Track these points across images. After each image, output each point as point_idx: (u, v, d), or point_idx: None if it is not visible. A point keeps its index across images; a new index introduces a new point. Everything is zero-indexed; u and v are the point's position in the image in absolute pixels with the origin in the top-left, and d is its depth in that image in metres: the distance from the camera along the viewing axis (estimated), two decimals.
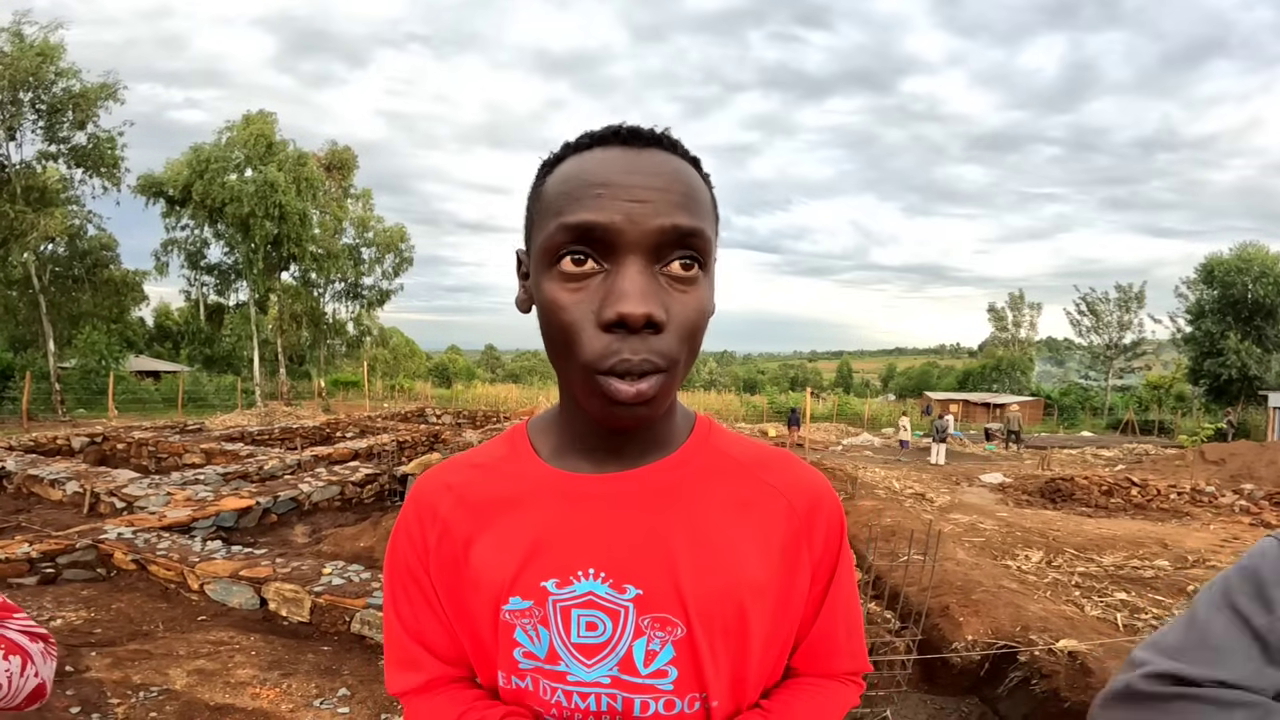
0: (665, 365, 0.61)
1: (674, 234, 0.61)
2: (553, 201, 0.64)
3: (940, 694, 4.12)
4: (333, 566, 4.96)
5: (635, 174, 0.62)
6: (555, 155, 0.68)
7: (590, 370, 0.61)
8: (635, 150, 0.63)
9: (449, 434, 13.99)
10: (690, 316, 0.63)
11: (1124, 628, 4.77)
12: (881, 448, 20.83)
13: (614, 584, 0.67)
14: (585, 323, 0.61)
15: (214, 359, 39.88)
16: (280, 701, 3.44)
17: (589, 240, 0.61)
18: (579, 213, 0.61)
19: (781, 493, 0.74)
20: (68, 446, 11.66)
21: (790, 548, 0.72)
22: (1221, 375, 32.51)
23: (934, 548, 4.44)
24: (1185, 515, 10.04)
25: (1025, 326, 57.03)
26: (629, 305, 0.59)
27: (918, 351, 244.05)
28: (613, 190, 0.61)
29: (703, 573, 0.67)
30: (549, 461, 0.73)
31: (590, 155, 0.64)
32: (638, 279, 0.60)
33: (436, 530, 0.74)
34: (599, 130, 0.66)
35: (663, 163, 0.63)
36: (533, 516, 0.70)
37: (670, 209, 0.61)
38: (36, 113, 20.94)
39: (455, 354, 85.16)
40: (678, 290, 0.62)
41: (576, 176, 0.63)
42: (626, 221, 0.60)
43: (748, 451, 0.77)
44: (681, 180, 0.63)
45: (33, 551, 5.14)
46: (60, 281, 24.93)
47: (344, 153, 32.39)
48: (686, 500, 0.71)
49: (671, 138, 0.66)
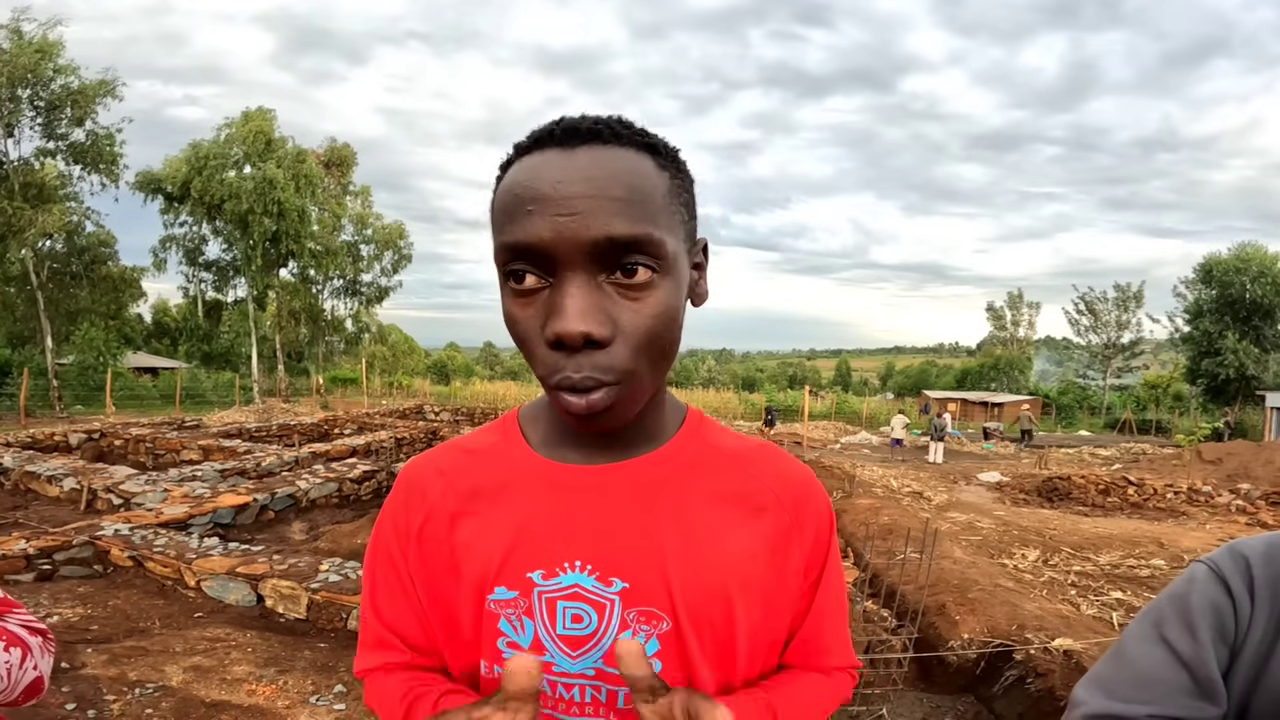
0: (612, 379, 0.60)
1: (609, 245, 0.58)
2: (496, 218, 0.62)
3: (936, 692, 4.13)
4: (330, 563, 4.96)
5: (564, 183, 0.58)
6: (508, 158, 0.65)
7: (544, 382, 0.62)
8: (569, 151, 0.59)
9: (447, 431, 13.99)
10: (644, 325, 0.60)
11: (1119, 627, 4.77)
12: (879, 446, 20.82)
13: (600, 577, 0.66)
14: (535, 338, 0.61)
15: (212, 356, 39.89)
16: (276, 698, 3.45)
17: (527, 258, 0.59)
18: (514, 232, 0.59)
19: (769, 487, 0.73)
20: (65, 443, 11.65)
21: (780, 542, 0.72)
22: (1219, 375, 32.54)
23: (931, 546, 4.44)
24: (1182, 515, 10.06)
25: (1024, 326, 57.17)
26: (564, 324, 0.57)
27: (916, 350, 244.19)
28: (541, 205, 0.58)
29: (690, 567, 0.67)
30: (538, 450, 0.73)
31: (526, 163, 0.61)
32: (576, 295, 0.58)
33: (423, 513, 0.73)
34: (540, 128, 0.63)
35: (598, 163, 0.59)
36: (520, 505, 0.70)
37: (604, 217, 0.57)
38: (35, 109, 20.91)
39: (454, 351, 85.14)
40: (628, 299, 0.60)
41: (510, 191, 0.61)
42: (558, 239, 0.57)
43: (737, 445, 0.76)
44: (618, 181, 0.59)
45: (29, 548, 5.13)
46: (58, 278, 24.85)
47: (343, 150, 32.37)
48: (675, 493, 0.70)
49: (616, 126, 0.62)
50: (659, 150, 0.63)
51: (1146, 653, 0.77)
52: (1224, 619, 0.75)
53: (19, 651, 0.98)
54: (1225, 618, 0.75)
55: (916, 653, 4.11)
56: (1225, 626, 0.75)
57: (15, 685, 0.97)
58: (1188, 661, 0.74)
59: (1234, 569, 0.77)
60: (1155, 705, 0.74)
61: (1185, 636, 0.76)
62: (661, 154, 0.63)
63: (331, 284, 33.38)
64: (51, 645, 1.09)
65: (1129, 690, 0.76)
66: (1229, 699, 0.74)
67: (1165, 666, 0.75)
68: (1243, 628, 0.74)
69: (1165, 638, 0.77)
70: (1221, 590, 0.76)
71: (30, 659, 0.99)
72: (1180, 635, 0.76)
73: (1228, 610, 0.75)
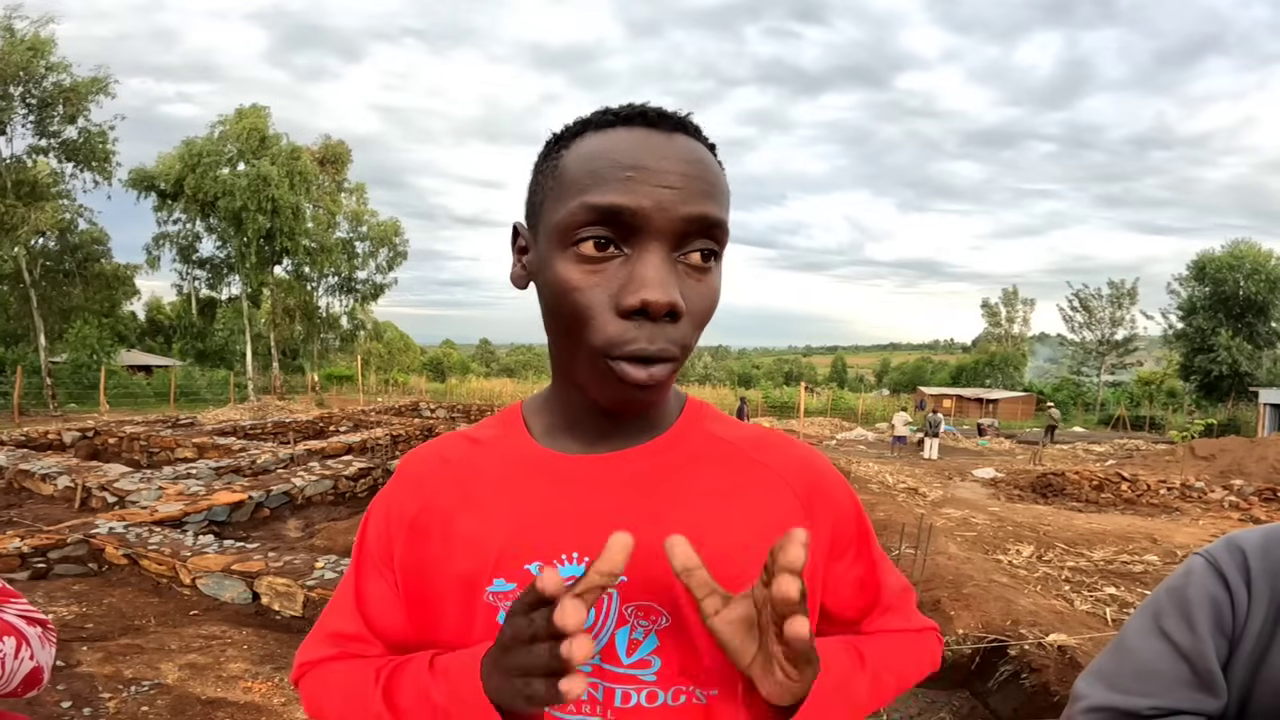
0: (679, 353, 0.62)
1: (700, 223, 0.60)
2: (575, 179, 0.61)
3: (931, 688, 4.14)
4: (325, 560, 4.95)
5: (666, 158, 0.60)
6: (570, 129, 0.65)
7: (602, 355, 0.60)
8: (663, 134, 0.62)
9: (443, 428, 13.99)
10: (704, 306, 0.63)
11: (1113, 622, 4.79)
12: (875, 442, 20.87)
13: None
14: (601, 307, 0.60)
15: (206, 353, 39.77)
16: (272, 695, 3.44)
17: (614, 223, 0.59)
18: (607, 194, 0.59)
19: (778, 473, 0.71)
20: (59, 441, 11.62)
21: (786, 529, 0.70)
22: (1212, 371, 32.70)
23: (926, 542, 4.46)
24: (1175, 510, 10.11)
25: (1019, 322, 57.36)
26: (654, 293, 0.58)
27: (912, 347, 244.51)
28: (643, 174, 0.59)
29: None
30: (540, 440, 0.72)
31: (616, 134, 0.62)
32: (661, 267, 0.59)
33: (419, 503, 0.72)
34: (621, 108, 0.64)
35: (690, 148, 0.62)
36: (519, 497, 0.69)
37: (699, 197, 0.60)
38: (27, 107, 20.81)
39: (450, 348, 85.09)
40: (694, 279, 0.62)
41: (604, 155, 0.60)
42: (656, 208, 0.59)
43: (740, 433, 0.75)
44: (709, 168, 0.62)
45: (24, 546, 5.12)
46: (51, 275, 24.76)
47: (338, 147, 32.25)
48: (675, 483, 0.69)
49: (695, 123, 0.65)
50: (716, 154, 0.67)
51: (1146, 645, 0.78)
52: (1222, 611, 0.76)
53: (14, 641, 0.96)
54: (1223, 610, 0.76)
55: None
56: (1223, 619, 0.76)
57: (11, 676, 0.95)
58: (1187, 654, 0.75)
59: (1231, 561, 0.77)
60: (1156, 698, 0.74)
61: (1184, 629, 0.76)
62: (717, 157, 0.67)
63: (326, 281, 33.29)
64: (52, 635, 1.07)
65: (1130, 683, 0.77)
66: (1229, 690, 0.75)
67: (1165, 659, 0.76)
68: (1240, 620, 0.75)
69: (1164, 630, 0.78)
70: (1219, 583, 0.77)
71: (26, 649, 0.97)
72: (1179, 628, 0.77)
73: (1225, 602, 0.76)
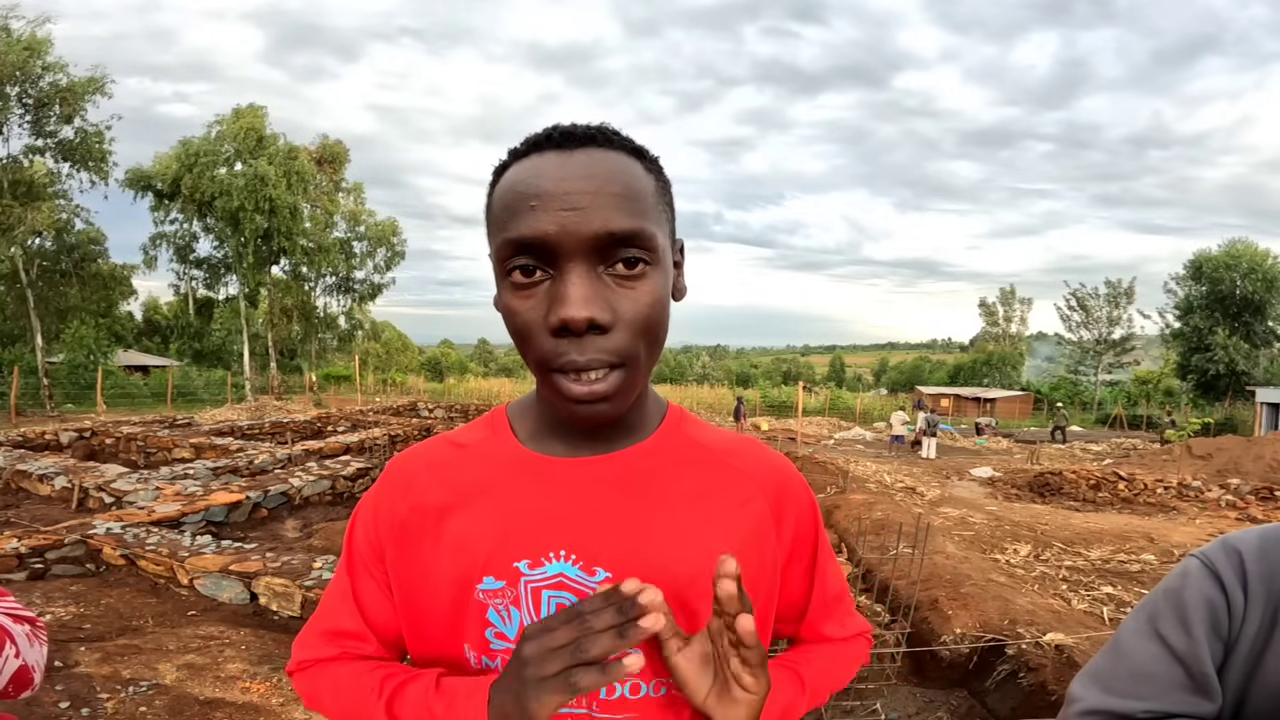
0: (617, 361, 0.64)
1: (609, 238, 0.62)
2: (497, 215, 0.65)
3: (929, 687, 4.15)
4: (323, 561, 4.95)
5: (566, 180, 0.62)
6: (503, 162, 0.68)
7: (544, 369, 0.65)
8: (567, 153, 0.64)
9: (441, 428, 13.97)
10: (641, 312, 0.64)
11: (1110, 621, 4.81)
12: (873, 441, 20.88)
13: (584, 566, 0.68)
14: (536, 327, 0.64)
15: (203, 353, 39.72)
16: (270, 695, 3.44)
17: (531, 252, 0.63)
18: (519, 227, 0.62)
19: (750, 477, 0.76)
20: (56, 441, 11.60)
21: (759, 531, 0.74)
22: (1209, 370, 32.76)
23: (923, 541, 4.47)
24: (1172, 510, 10.12)
25: (1016, 321, 57.44)
26: (570, 311, 0.60)
27: (910, 346, 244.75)
28: (545, 201, 0.61)
29: (672, 558, 0.69)
30: (526, 444, 0.75)
31: (526, 164, 0.65)
32: (579, 284, 0.61)
33: (408, 504, 0.75)
34: (535, 134, 0.67)
35: (596, 164, 0.63)
36: (507, 497, 0.72)
37: (605, 213, 0.62)
38: (23, 107, 20.79)
39: (448, 348, 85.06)
40: (624, 288, 0.64)
41: (512, 189, 0.64)
42: (562, 232, 0.61)
43: (716, 439, 0.79)
44: (616, 180, 0.63)
45: (21, 547, 5.11)
46: (48, 276, 24.73)
47: (335, 146, 32.22)
48: (657, 485, 0.72)
49: (608, 132, 0.67)
50: (645, 155, 0.69)
51: (1142, 648, 0.78)
52: (1218, 614, 0.75)
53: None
54: (1219, 612, 0.75)
55: (910, 647, 4.13)
56: (1219, 621, 0.75)
57: None
58: (1182, 656, 0.75)
59: (1227, 563, 0.77)
60: (1151, 700, 0.74)
61: (1179, 631, 0.76)
62: (647, 159, 0.69)
63: (324, 281, 33.27)
64: (42, 634, 1.04)
65: (1125, 685, 0.77)
66: (1225, 693, 0.75)
67: (1160, 662, 0.76)
68: (1236, 622, 0.75)
69: (1160, 633, 0.77)
70: (1215, 585, 0.76)
71: (11, 647, 0.95)
72: (1174, 630, 0.76)
73: (1221, 605, 0.75)
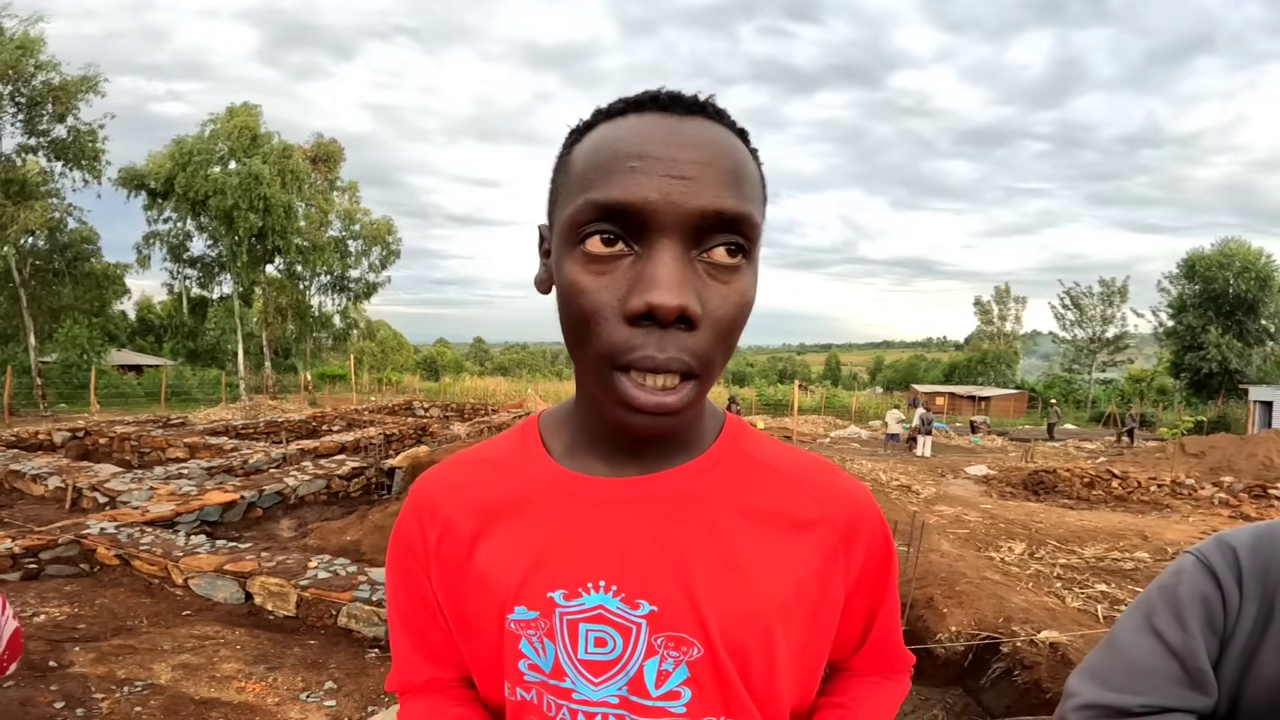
0: (696, 367, 0.55)
1: (717, 218, 0.54)
2: (580, 174, 0.56)
3: (925, 685, 4.16)
4: (319, 560, 4.94)
5: (676, 146, 0.54)
6: (585, 122, 0.60)
7: (607, 364, 0.55)
8: (676, 118, 0.56)
9: (436, 427, 13.95)
10: (730, 312, 0.56)
11: (1104, 619, 4.83)
12: (869, 440, 20.92)
13: (626, 599, 0.61)
14: (607, 311, 0.54)
15: (197, 353, 39.51)
16: (266, 695, 3.44)
17: (619, 219, 0.54)
18: (609, 188, 0.53)
19: (819, 503, 0.67)
20: (49, 441, 11.53)
21: (825, 564, 0.66)
22: (1202, 369, 32.87)
23: (919, 539, 4.48)
24: (1165, 508, 10.17)
25: (1011, 320, 57.55)
26: (660, 295, 0.51)
27: (905, 344, 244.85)
28: (649, 164, 0.53)
29: (725, 590, 0.61)
30: (560, 461, 0.67)
31: (624, 122, 0.56)
32: (672, 266, 0.53)
33: (437, 531, 0.69)
34: (635, 95, 0.58)
35: (707, 133, 0.56)
36: (541, 521, 0.65)
37: (715, 188, 0.54)
38: (16, 105, 20.63)
39: (443, 347, 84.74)
40: (717, 281, 0.55)
41: (608, 147, 0.55)
42: (664, 201, 0.52)
43: (782, 458, 0.70)
44: (729, 155, 0.56)
45: (15, 547, 5.08)
46: (41, 275, 24.59)
47: (330, 145, 32.09)
48: (711, 509, 0.64)
49: (717, 105, 0.59)
50: (747, 138, 0.61)
51: (1138, 643, 0.79)
52: (1213, 609, 0.76)
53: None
54: (1214, 608, 0.76)
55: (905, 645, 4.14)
56: (1214, 617, 0.76)
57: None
58: (1178, 652, 0.76)
59: (1222, 560, 0.78)
60: (1147, 695, 0.75)
61: (1175, 627, 0.77)
62: (750, 144, 0.61)
63: (319, 280, 33.10)
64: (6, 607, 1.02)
65: (1121, 681, 0.77)
66: (1220, 688, 0.75)
67: (1156, 657, 0.77)
68: (1231, 618, 0.76)
69: (1155, 628, 0.78)
70: (1210, 581, 0.77)
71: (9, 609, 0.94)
72: (1170, 626, 0.77)
73: (1216, 601, 0.76)
